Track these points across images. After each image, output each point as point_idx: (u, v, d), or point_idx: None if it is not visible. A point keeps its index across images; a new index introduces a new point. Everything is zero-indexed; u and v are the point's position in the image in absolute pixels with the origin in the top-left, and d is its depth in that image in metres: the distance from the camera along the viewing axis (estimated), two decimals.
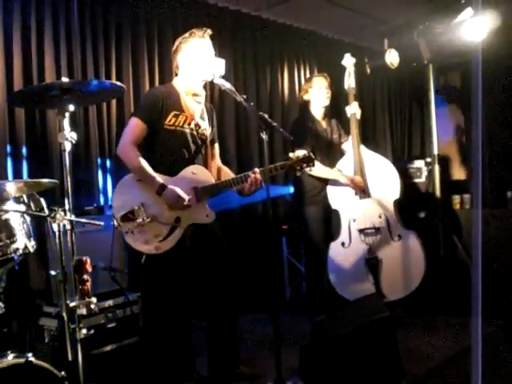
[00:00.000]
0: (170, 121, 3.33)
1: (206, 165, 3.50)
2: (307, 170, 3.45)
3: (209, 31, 3.45)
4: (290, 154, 3.43)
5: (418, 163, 6.28)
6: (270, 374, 3.28)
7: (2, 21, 4.00)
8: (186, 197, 3.24)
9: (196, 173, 3.39)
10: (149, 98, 3.47)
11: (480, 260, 1.65)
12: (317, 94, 4.74)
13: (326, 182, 4.62)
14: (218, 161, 3.68)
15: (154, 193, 3.23)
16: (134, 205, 3.23)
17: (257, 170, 3.35)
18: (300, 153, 3.43)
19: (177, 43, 3.48)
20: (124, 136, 3.35)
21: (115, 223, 3.21)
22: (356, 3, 5.81)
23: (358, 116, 4.71)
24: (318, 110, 4.78)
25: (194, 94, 3.47)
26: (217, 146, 3.69)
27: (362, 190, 4.56)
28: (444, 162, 5.73)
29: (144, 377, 3.62)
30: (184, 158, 3.38)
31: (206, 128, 3.54)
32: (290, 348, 3.40)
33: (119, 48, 4.73)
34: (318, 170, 4.49)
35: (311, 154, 3.41)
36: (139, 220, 3.21)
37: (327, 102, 4.76)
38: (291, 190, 5.00)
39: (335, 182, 4.58)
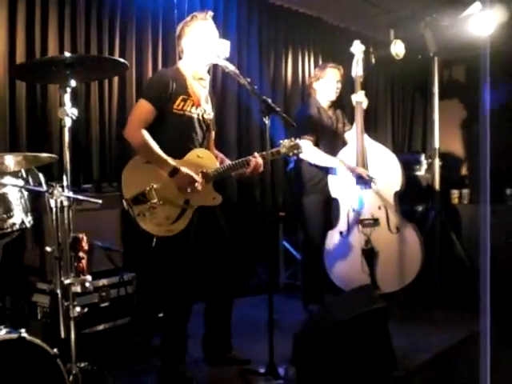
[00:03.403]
0: (178, 105, 3.31)
1: (209, 149, 3.51)
2: (294, 156, 3.59)
3: (210, 13, 3.43)
4: (281, 141, 3.47)
5: (418, 156, 6.27)
6: (262, 359, 3.29)
7: None
8: (199, 179, 3.25)
9: (202, 156, 3.39)
10: (158, 80, 3.43)
11: (488, 256, 1.63)
12: (326, 86, 4.70)
13: (326, 170, 4.59)
14: (213, 148, 3.67)
15: (164, 175, 3.22)
16: (145, 186, 3.21)
17: (257, 154, 3.38)
18: (289, 140, 3.46)
19: (179, 28, 3.47)
20: (131, 118, 3.33)
21: (125, 205, 3.19)
22: None
23: (365, 105, 4.67)
24: (324, 99, 4.74)
25: (200, 79, 3.46)
26: (213, 133, 3.67)
27: (361, 180, 4.52)
28: (444, 156, 5.70)
29: (136, 357, 3.62)
30: (192, 143, 3.38)
31: (210, 113, 3.53)
32: (283, 334, 3.40)
33: (123, 24, 4.67)
34: (321, 157, 4.48)
35: (298, 142, 3.46)
36: (151, 202, 3.19)
37: (334, 97, 4.73)
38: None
39: (336, 171, 4.55)
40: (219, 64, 3.41)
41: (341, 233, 4.58)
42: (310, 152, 4.43)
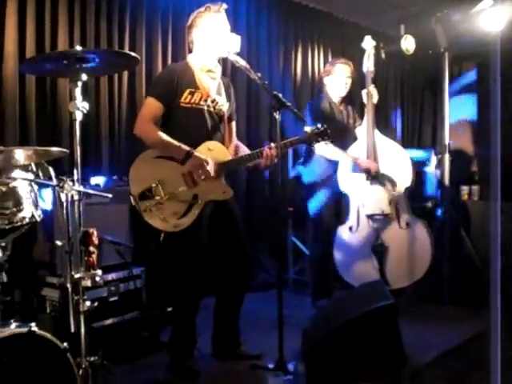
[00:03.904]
0: (185, 98, 3.30)
1: (223, 141, 3.48)
2: (322, 143, 3.44)
3: (224, 5, 3.41)
4: (306, 128, 3.39)
5: (428, 152, 6.24)
6: (272, 355, 3.29)
7: None
8: (211, 163, 3.25)
9: (212, 149, 3.37)
10: (163, 76, 3.45)
11: (499, 253, 1.62)
12: (336, 82, 4.68)
13: (336, 165, 4.58)
14: (234, 138, 3.65)
15: (172, 170, 3.23)
16: (151, 182, 3.21)
17: (272, 144, 3.32)
18: (315, 127, 3.38)
19: (192, 18, 3.44)
20: (140, 115, 3.34)
21: (132, 201, 3.19)
22: None
23: (375, 100, 4.65)
24: (335, 94, 4.72)
25: (209, 71, 3.43)
26: (234, 123, 3.65)
27: (371, 175, 4.50)
28: (454, 152, 5.67)
29: (144, 352, 3.63)
30: (202, 135, 3.36)
31: (224, 103, 3.51)
32: (292, 330, 3.39)
33: (133, 19, 4.68)
34: (332, 151, 4.45)
35: (326, 128, 3.37)
36: (157, 198, 3.19)
37: (344, 93, 4.71)
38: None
39: (346, 166, 4.53)
40: (229, 58, 3.39)
41: (350, 228, 4.57)
42: (322, 147, 4.41)
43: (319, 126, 3.37)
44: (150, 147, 3.32)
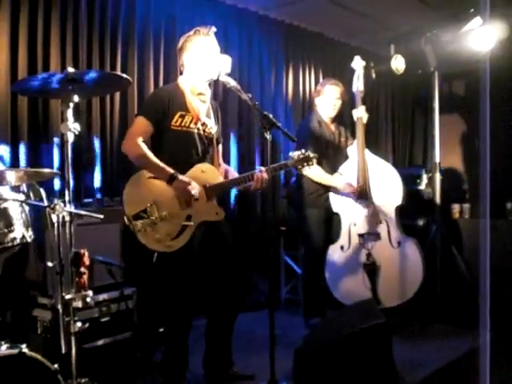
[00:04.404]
0: (176, 121, 3.32)
1: (213, 163, 3.49)
2: (307, 168, 3.45)
3: (213, 28, 3.43)
4: (290, 153, 3.43)
5: (419, 170, 6.28)
6: (264, 375, 3.27)
7: (9, 9, 3.96)
8: (196, 186, 3.24)
9: (205, 171, 3.38)
10: (154, 97, 3.45)
11: (488, 271, 1.63)
12: (325, 103, 4.72)
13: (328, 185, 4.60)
14: (221, 160, 3.67)
15: (166, 190, 3.23)
16: (146, 203, 3.21)
17: (263, 168, 3.35)
18: (299, 152, 3.41)
19: (181, 41, 3.46)
20: (128, 132, 3.35)
21: (126, 221, 3.19)
22: (364, 8, 5.80)
23: (365, 120, 4.68)
24: (325, 114, 4.76)
25: (200, 94, 3.45)
26: (220, 146, 3.67)
27: (360, 196, 4.52)
28: (445, 170, 5.70)
29: (137, 373, 3.61)
30: (192, 158, 3.37)
31: (213, 127, 3.53)
32: (284, 350, 3.39)
33: (125, 40, 4.71)
34: (317, 174, 4.47)
35: (310, 154, 3.40)
36: (152, 218, 3.19)
37: (333, 114, 4.74)
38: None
39: (334, 189, 4.57)
40: (220, 79, 3.42)
41: (342, 247, 4.58)
42: (311, 169, 4.43)
43: (303, 151, 3.40)
44: (136, 164, 3.32)
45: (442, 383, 3.46)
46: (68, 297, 2.47)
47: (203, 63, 3.38)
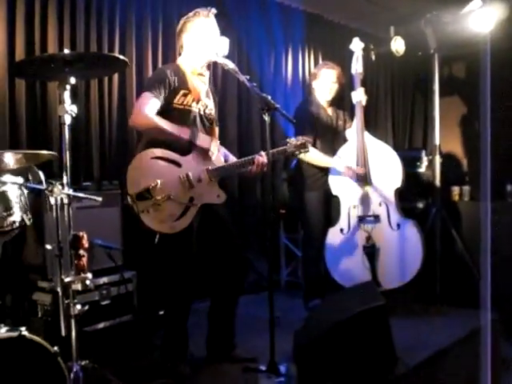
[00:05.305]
0: (179, 100, 3.31)
1: None
2: (301, 155, 3.52)
3: (213, 10, 3.42)
4: (288, 139, 3.45)
5: (419, 153, 6.26)
6: (264, 357, 3.28)
7: None
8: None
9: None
10: (159, 74, 3.42)
11: (489, 253, 1.63)
12: (321, 86, 4.71)
13: (326, 167, 4.59)
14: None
15: (169, 172, 3.23)
16: (149, 182, 3.19)
17: (263, 153, 3.35)
18: (296, 139, 3.44)
19: (181, 23, 3.46)
20: (135, 106, 3.35)
21: (129, 200, 3.17)
22: None
23: (364, 102, 4.66)
24: (322, 97, 4.74)
25: (200, 74, 3.46)
26: (217, 128, 3.66)
27: (360, 178, 4.51)
28: (445, 152, 5.69)
29: (137, 355, 3.62)
30: (194, 138, 3.35)
31: (213, 108, 3.53)
32: (284, 332, 3.39)
33: (123, 22, 4.67)
34: (314, 156, 4.46)
35: (306, 141, 3.43)
36: (155, 198, 3.18)
37: (329, 97, 4.72)
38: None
39: (334, 170, 4.55)
40: (218, 62, 3.40)
41: (341, 230, 4.58)
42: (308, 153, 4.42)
43: (300, 138, 3.44)
44: (149, 134, 3.30)
45: (441, 365, 3.46)
46: (67, 279, 2.46)
47: (203, 44, 3.37)
